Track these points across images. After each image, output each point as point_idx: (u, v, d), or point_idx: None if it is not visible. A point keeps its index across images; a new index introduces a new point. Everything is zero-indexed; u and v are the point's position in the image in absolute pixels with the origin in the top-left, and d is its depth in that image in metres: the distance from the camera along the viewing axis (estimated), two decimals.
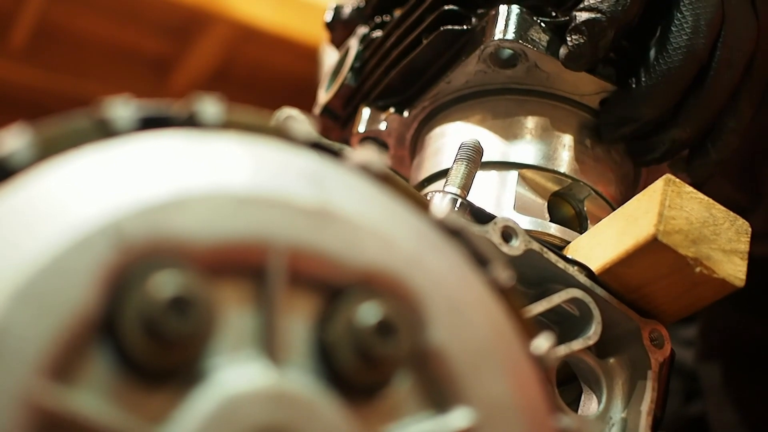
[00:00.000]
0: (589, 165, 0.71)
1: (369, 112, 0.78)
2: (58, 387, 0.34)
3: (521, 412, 0.42)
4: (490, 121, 0.72)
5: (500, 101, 0.72)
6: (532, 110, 0.72)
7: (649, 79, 0.67)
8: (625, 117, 0.69)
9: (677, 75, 0.67)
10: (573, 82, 0.71)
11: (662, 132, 0.69)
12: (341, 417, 0.38)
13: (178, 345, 0.36)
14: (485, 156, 0.67)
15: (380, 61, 0.78)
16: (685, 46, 0.66)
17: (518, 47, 0.68)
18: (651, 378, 0.61)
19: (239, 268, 0.38)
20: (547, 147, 0.70)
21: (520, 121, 0.71)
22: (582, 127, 0.72)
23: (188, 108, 0.42)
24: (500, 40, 0.68)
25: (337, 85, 0.82)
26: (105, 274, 0.35)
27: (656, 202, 0.58)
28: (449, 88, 0.74)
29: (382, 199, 0.44)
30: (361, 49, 0.81)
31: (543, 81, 0.71)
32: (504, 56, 0.70)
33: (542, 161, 0.70)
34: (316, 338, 0.40)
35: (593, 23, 0.66)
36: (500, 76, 0.71)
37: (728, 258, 0.58)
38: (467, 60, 0.71)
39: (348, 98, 0.82)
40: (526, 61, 0.69)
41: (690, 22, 0.66)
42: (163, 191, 0.38)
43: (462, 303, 0.42)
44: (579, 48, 0.66)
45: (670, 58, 0.66)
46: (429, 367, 0.41)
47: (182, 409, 0.36)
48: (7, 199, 0.36)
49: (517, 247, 0.60)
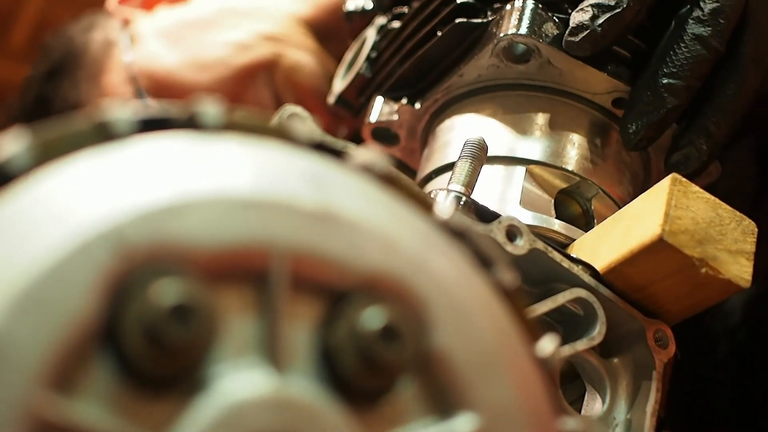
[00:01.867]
0: (598, 164, 0.70)
1: (381, 103, 0.78)
2: (59, 397, 0.33)
3: (526, 417, 0.42)
4: (500, 116, 0.71)
5: (511, 96, 0.72)
6: (542, 107, 0.71)
7: (666, 69, 0.65)
8: (643, 111, 0.66)
9: (694, 65, 0.65)
10: (585, 80, 0.70)
11: (693, 140, 0.67)
12: (345, 423, 0.38)
13: (180, 352, 0.35)
14: (493, 150, 0.66)
15: (395, 53, 0.78)
16: (701, 36, 0.65)
17: (531, 42, 0.67)
18: (655, 378, 0.60)
19: (241, 274, 0.38)
20: (556, 144, 0.70)
21: (530, 117, 0.71)
22: (593, 126, 0.71)
23: (189, 110, 0.41)
24: (513, 34, 0.67)
25: (353, 74, 0.82)
26: (106, 281, 0.35)
27: (662, 202, 0.57)
28: (461, 81, 0.73)
29: (385, 201, 0.43)
30: (377, 40, 0.81)
31: (555, 78, 0.70)
32: (517, 51, 0.69)
33: (550, 158, 0.69)
34: (319, 343, 0.39)
35: (599, 6, 0.65)
36: (512, 71, 0.70)
37: (734, 258, 0.58)
38: (480, 54, 0.70)
39: (362, 88, 0.82)
40: (540, 56, 0.69)
41: (709, 13, 0.65)
42: (164, 196, 0.37)
43: (467, 307, 0.42)
44: (581, 27, 0.65)
45: (687, 47, 0.65)
46: (433, 372, 0.41)
47: (185, 417, 0.36)
48: (6, 205, 0.36)
49: (522, 246, 0.59)
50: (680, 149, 0.68)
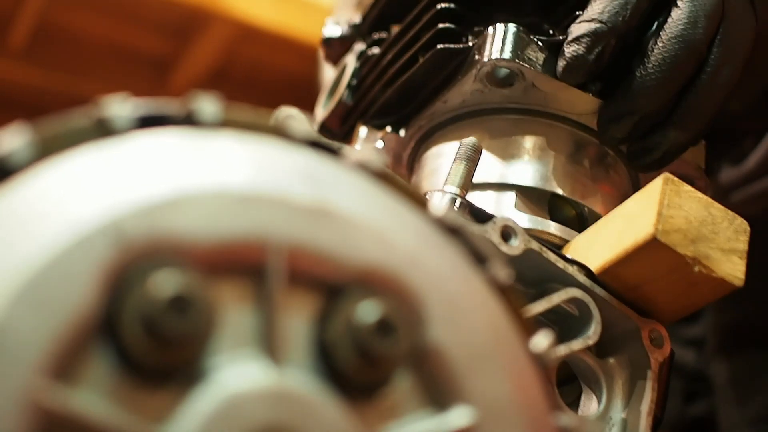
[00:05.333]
0: (587, 185, 0.70)
1: (366, 131, 0.77)
2: (59, 387, 0.34)
3: (521, 410, 0.42)
4: (487, 141, 0.70)
5: (497, 121, 0.71)
6: (529, 129, 0.71)
7: (644, 70, 0.65)
8: (622, 112, 0.67)
9: (674, 65, 0.65)
10: (570, 101, 0.69)
11: (660, 132, 0.67)
12: (341, 416, 0.38)
13: (179, 344, 0.36)
14: (482, 177, 0.66)
15: (377, 79, 0.77)
16: (681, 36, 0.65)
17: (515, 66, 0.67)
18: (651, 378, 0.61)
19: (238, 267, 0.39)
20: (545, 168, 0.69)
21: (517, 141, 0.70)
22: (579, 147, 0.71)
23: (186, 106, 0.42)
24: (497, 59, 0.66)
25: (334, 102, 0.81)
26: (105, 273, 0.35)
27: (655, 201, 0.58)
28: (445, 107, 0.73)
29: (380, 197, 0.44)
30: (357, 67, 0.80)
31: (540, 100, 0.70)
32: (501, 75, 0.69)
33: (540, 182, 0.69)
34: (315, 337, 0.40)
35: (594, 33, 0.64)
36: (497, 95, 0.70)
37: (727, 257, 0.58)
38: (464, 79, 0.69)
39: (345, 116, 0.81)
40: (523, 80, 0.68)
41: (687, 14, 0.65)
42: (162, 190, 0.38)
43: (461, 301, 0.42)
44: (577, 59, 0.65)
45: (666, 48, 0.65)
46: (428, 366, 0.41)
47: (183, 408, 0.36)
48: (6, 199, 0.36)
49: (517, 247, 0.60)
50: (643, 141, 0.68)
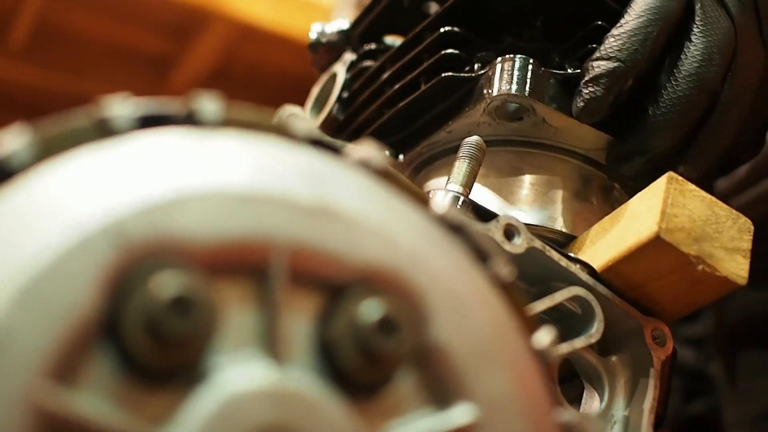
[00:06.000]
0: (592, 223, 0.66)
1: None
2: (61, 389, 0.34)
3: (523, 407, 0.42)
4: (492, 175, 0.68)
5: (502, 153, 0.68)
6: (535, 163, 0.68)
7: (657, 109, 0.62)
8: (633, 151, 0.64)
9: (688, 104, 0.62)
10: (580, 136, 0.67)
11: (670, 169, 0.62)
12: (344, 415, 0.38)
13: (180, 345, 0.35)
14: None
15: (372, 97, 0.74)
16: (696, 74, 0.62)
17: (527, 102, 0.64)
18: (653, 376, 0.61)
19: (240, 267, 0.38)
20: (551, 205, 0.67)
21: (523, 175, 0.68)
22: (588, 182, 0.69)
23: (187, 106, 0.42)
24: (507, 94, 0.64)
25: (323, 115, 0.78)
26: (106, 274, 0.35)
27: (659, 200, 0.58)
28: (449, 137, 0.70)
29: (382, 196, 0.43)
30: (348, 78, 0.77)
31: (550, 135, 0.67)
32: (510, 110, 0.66)
33: (546, 221, 0.66)
34: (318, 336, 0.40)
35: (613, 73, 0.61)
36: (504, 128, 0.67)
37: (730, 256, 0.58)
38: (471, 111, 0.67)
39: (335, 130, 0.78)
40: (534, 115, 0.66)
41: (702, 50, 0.62)
42: (163, 190, 0.38)
43: (464, 299, 0.42)
44: (596, 101, 0.62)
45: (680, 86, 0.62)
46: (431, 364, 0.41)
47: (185, 409, 0.36)
48: (7, 200, 0.36)
49: (520, 245, 0.59)
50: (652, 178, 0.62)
